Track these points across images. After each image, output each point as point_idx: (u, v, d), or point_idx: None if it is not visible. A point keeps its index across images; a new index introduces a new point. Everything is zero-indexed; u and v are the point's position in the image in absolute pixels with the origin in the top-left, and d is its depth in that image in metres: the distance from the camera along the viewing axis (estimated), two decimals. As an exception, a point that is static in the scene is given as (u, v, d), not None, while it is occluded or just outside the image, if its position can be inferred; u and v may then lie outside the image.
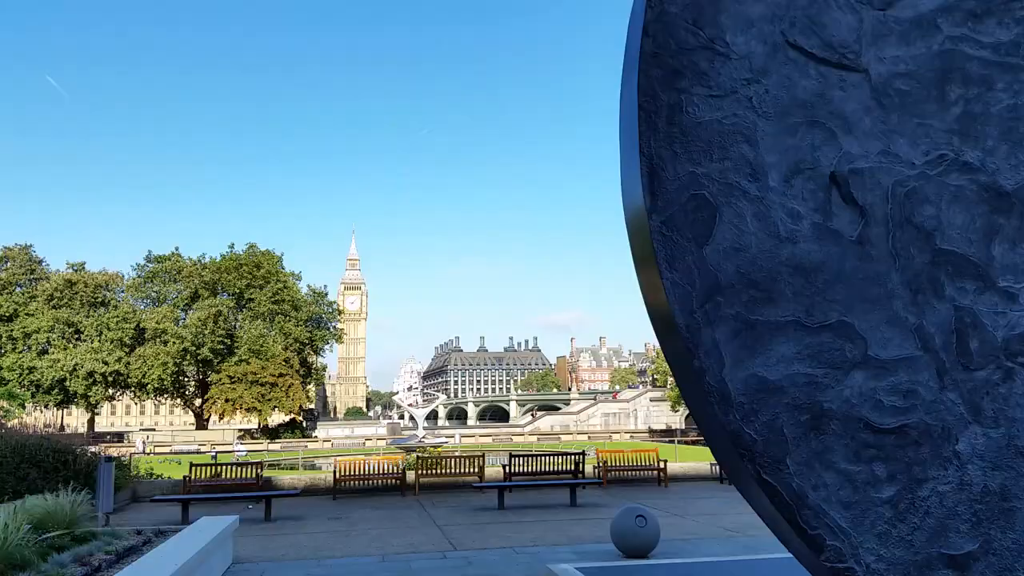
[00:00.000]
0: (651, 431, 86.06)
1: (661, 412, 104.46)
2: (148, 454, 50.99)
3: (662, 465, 22.51)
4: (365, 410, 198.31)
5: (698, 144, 3.55)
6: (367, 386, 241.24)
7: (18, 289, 78.62)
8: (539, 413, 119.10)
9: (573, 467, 20.73)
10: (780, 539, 3.65)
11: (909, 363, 3.52)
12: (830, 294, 3.53)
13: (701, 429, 3.75)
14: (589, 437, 74.12)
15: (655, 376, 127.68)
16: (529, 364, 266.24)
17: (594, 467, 22.95)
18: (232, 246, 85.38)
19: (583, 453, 22.47)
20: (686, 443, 50.85)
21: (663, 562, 9.46)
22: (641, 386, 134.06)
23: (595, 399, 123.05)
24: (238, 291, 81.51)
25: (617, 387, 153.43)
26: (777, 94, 3.63)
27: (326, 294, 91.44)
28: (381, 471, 21.54)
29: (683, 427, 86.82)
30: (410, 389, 43.92)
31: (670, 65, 3.58)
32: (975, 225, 3.66)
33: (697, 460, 27.25)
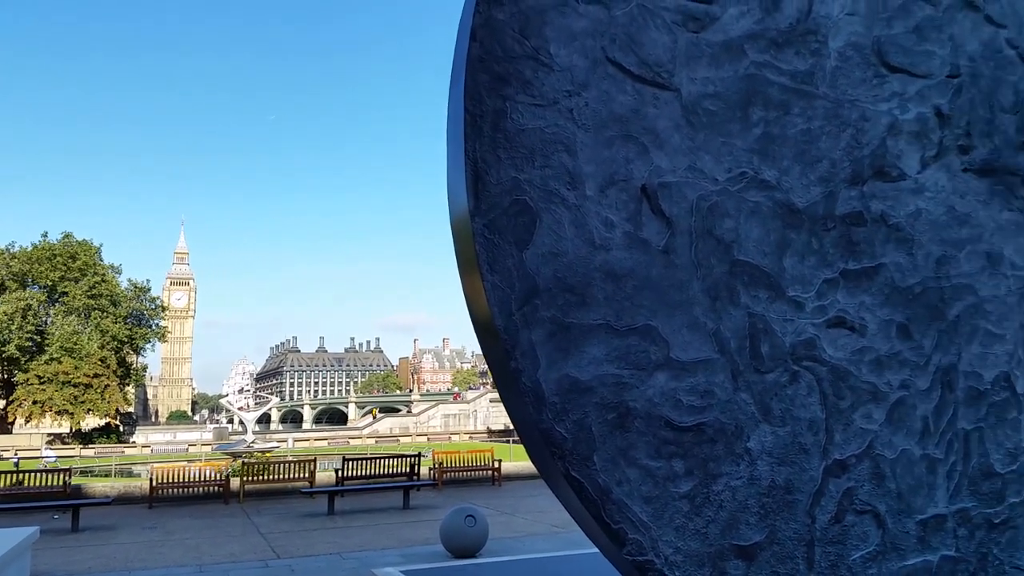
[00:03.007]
0: (490, 431, 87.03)
1: (501, 413, 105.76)
2: (-64, 462, 45.79)
3: (496, 465, 22.86)
4: (190, 414, 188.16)
5: (521, 150, 3.63)
6: (193, 388, 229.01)
7: None
8: (379, 415, 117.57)
9: (408, 469, 20.63)
10: (587, 534, 3.79)
11: (707, 365, 3.76)
12: (638, 299, 3.71)
13: (516, 428, 3.83)
14: (429, 439, 73.95)
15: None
16: (371, 365, 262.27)
17: (430, 469, 22.95)
18: (46, 235, 78.26)
19: (419, 455, 22.40)
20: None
21: (489, 560, 9.60)
22: (482, 387, 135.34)
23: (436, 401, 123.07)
24: (50, 284, 74.76)
25: (456, 388, 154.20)
26: (596, 107, 3.77)
27: (149, 289, 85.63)
28: (203, 478, 20.49)
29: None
30: (241, 391, 42.06)
31: (496, 72, 3.64)
32: (769, 239, 3.97)
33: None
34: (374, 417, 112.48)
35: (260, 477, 20.30)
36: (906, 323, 4.16)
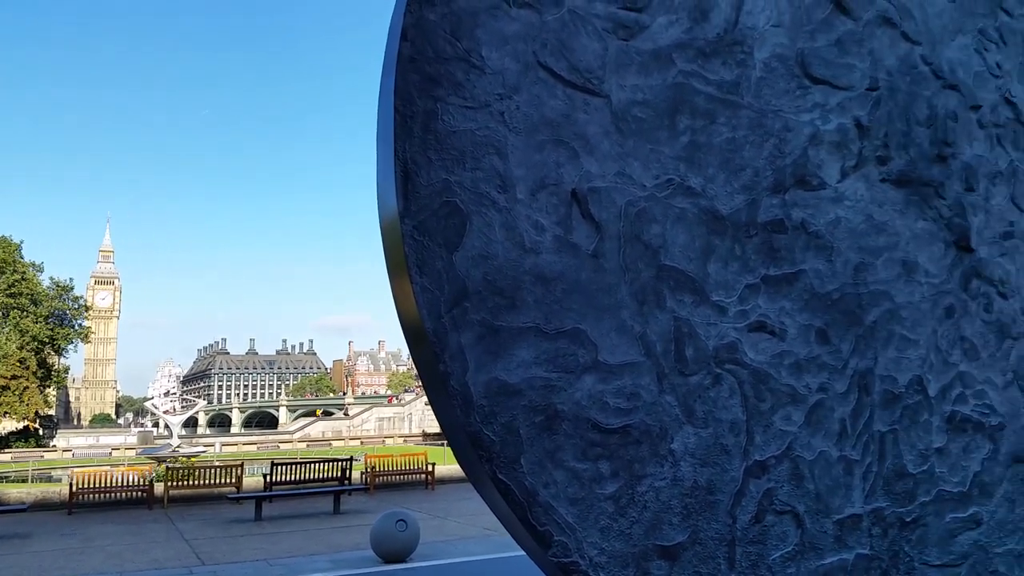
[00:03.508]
0: (425, 435, 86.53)
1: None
2: None
3: (430, 468, 22.74)
4: (114, 417, 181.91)
5: (452, 152, 3.62)
6: (118, 391, 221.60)
7: None
8: (311, 419, 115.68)
9: (340, 474, 20.36)
10: (514, 537, 3.80)
11: (633, 368, 3.81)
12: (567, 303, 3.73)
13: (444, 431, 3.81)
14: (362, 442, 73.13)
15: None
16: (303, 368, 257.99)
17: (362, 473, 22.68)
18: (-41, 230, 74.66)
19: (351, 459, 22.13)
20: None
21: (419, 565, 9.55)
22: (418, 390, 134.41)
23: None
24: (-35, 282, 71.52)
25: (390, 391, 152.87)
26: (527, 111, 3.78)
27: (72, 288, 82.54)
28: (126, 483, 19.84)
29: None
30: (167, 394, 41.07)
31: (427, 72, 3.62)
32: (695, 245, 4.04)
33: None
34: (317, 416, 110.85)
35: (185, 482, 19.76)
36: (824, 328, 4.29)
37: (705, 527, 3.87)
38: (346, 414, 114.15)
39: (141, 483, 19.70)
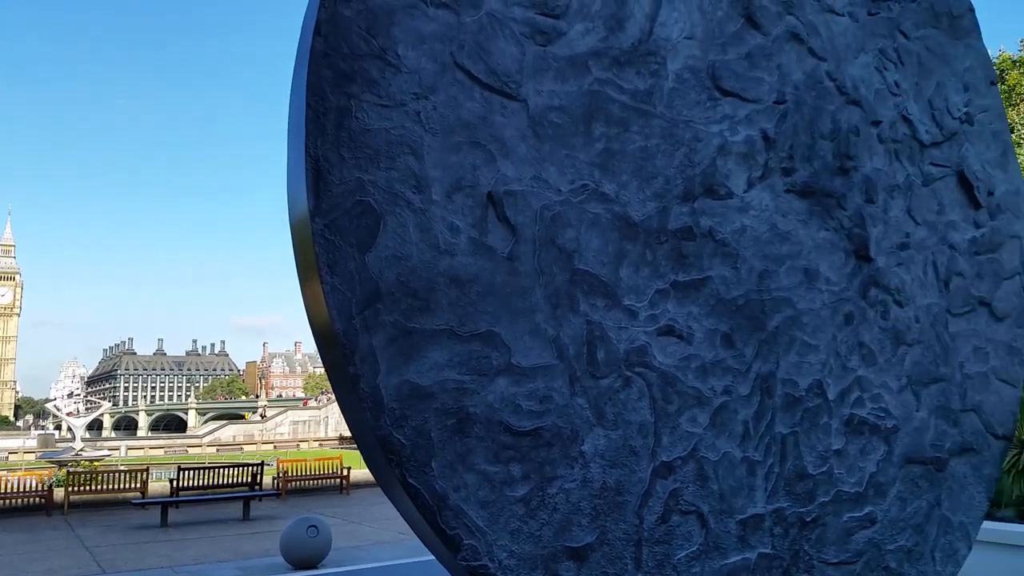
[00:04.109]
0: (342, 438, 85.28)
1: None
2: None
3: (345, 472, 22.41)
4: (13, 419, 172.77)
5: (366, 151, 3.57)
6: (17, 392, 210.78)
7: None
8: (223, 422, 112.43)
9: (250, 479, 19.84)
10: (424, 542, 3.77)
11: (546, 371, 3.83)
12: (481, 305, 3.73)
13: (353, 435, 3.76)
14: (276, 446, 71.58)
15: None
16: (215, 369, 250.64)
17: (274, 478, 22.18)
18: None
19: (262, 464, 21.60)
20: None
21: (330, 571, 9.39)
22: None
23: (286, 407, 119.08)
24: None
25: (306, 394, 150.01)
26: (444, 112, 3.76)
27: (-34, 284, 78.16)
28: (23, 488, 18.86)
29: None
30: (70, 395, 39.30)
31: (341, 68, 3.56)
32: (608, 249, 4.10)
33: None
34: (263, 417, 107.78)
35: (88, 487, 18.93)
36: (729, 333, 4.42)
37: (613, 528, 3.92)
38: (263, 416, 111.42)
39: (40, 488, 18.77)
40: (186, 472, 19.49)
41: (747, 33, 4.76)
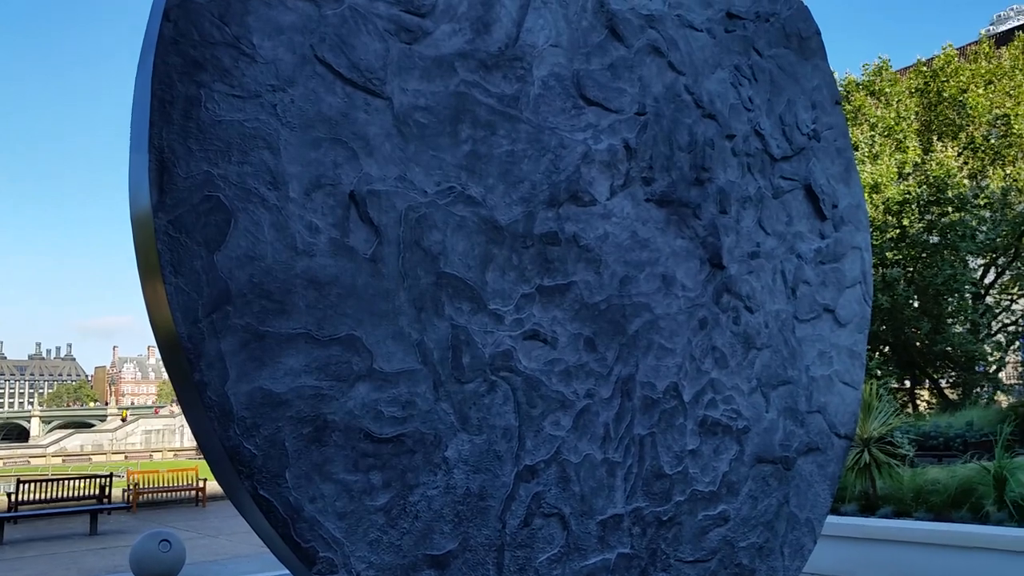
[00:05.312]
0: (198, 448, 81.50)
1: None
2: None
3: (202, 484, 21.37)
4: None
5: (216, 144, 3.37)
6: None
7: None
8: (70, 431, 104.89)
9: (98, 491, 18.56)
10: (277, 556, 3.59)
11: (409, 376, 3.75)
12: (342, 308, 3.60)
13: (200, 445, 3.53)
14: (127, 457, 67.48)
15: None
16: (60, 375, 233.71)
17: (124, 490, 20.87)
18: None
19: (111, 475, 20.26)
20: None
21: (183, 588, 8.88)
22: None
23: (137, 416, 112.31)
24: None
25: (158, 401, 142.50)
26: (303, 106, 3.61)
27: None
28: None
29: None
30: None
31: (191, 56, 3.35)
32: (474, 253, 4.06)
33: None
34: (124, 420, 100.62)
35: (-97, 508, 17.11)
36: (592, 337, 4.48)
37: (475, 534, 3.88)
38: (124, 420, 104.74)
39: None
40: (26, 485, 18.02)
41: (610, 44, 4.85)
